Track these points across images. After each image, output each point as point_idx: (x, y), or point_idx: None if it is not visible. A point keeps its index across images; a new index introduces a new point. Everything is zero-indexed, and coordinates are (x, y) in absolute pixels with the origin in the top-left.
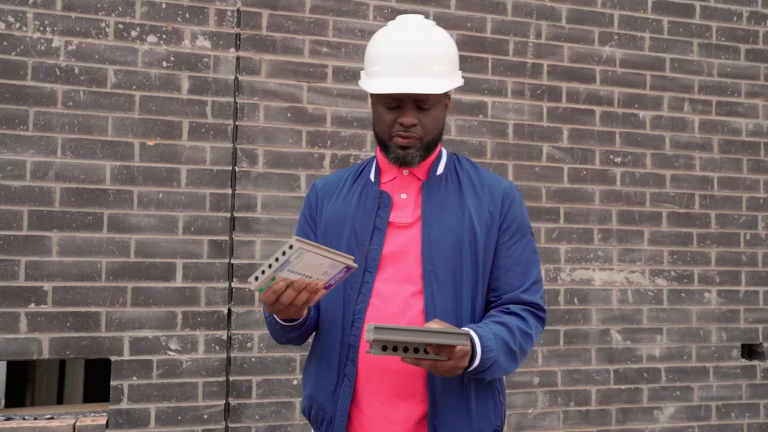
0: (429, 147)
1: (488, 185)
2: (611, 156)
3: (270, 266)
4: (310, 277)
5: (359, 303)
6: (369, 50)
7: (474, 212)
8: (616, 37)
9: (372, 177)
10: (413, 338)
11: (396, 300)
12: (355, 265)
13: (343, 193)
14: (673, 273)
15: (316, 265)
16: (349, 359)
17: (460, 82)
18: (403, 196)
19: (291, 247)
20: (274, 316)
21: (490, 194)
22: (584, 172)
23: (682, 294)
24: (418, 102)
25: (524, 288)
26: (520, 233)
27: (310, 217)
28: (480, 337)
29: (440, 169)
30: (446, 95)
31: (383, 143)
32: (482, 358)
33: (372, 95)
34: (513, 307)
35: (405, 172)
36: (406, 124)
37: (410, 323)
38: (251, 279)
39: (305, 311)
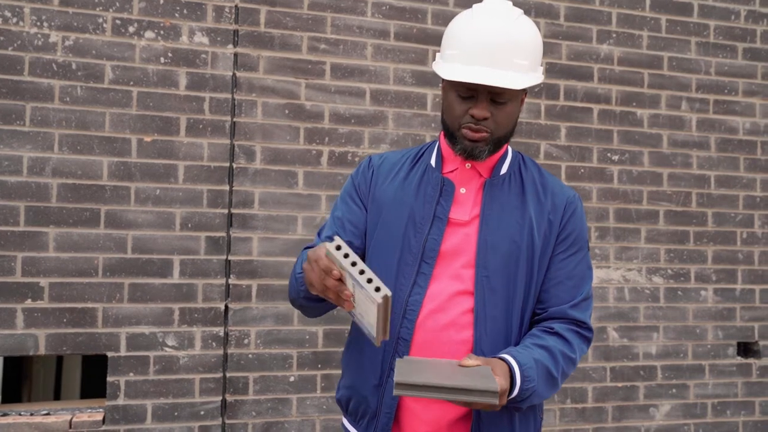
0: (499, 143)
1: (551, 190)
2: (609, 154)
3: (354, 264)
4: (354, 299)
5: (413, 294)
6: (448, 32)
7: (535, 219)
8: (614, 35)
9: (433, 162)
10: (435, 394)
11: (441, 296)
12: (379, 345)
13: (401, 174)
14: (669, 271)
15: (368, 309)
16: (397, 353)
17: (539, 78)
18: (462, 190)
19: (378, 290)
20: (304, 275)
21: (552, 200)
22: (582, 170)
23: (679, 292)
24: (493, 95)
25: (573, 303)
26: (576, 246)
27: (360, 189)
28: (520, 366)
29: (504, 169)
30: (523, 90)
31: (450, 133)
32: (521, 389)
33: (444, 81)
34: (558, 327)
35: (467, 165)
36: (478, 116)
37: (453, 322)
38: (337, 241)
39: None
